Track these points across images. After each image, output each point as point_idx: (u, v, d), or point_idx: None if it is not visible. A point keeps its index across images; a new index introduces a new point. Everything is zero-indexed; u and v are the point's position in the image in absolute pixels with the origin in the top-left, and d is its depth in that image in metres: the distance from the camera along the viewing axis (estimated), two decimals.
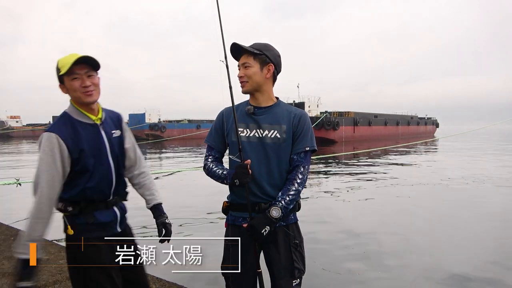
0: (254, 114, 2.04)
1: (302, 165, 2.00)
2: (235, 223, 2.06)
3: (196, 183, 11.16)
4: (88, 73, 1.88)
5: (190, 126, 53.27)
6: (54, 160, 1.81)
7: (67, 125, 1.89)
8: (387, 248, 5.52)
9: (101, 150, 1.95)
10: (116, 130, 2.04)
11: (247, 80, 2.02)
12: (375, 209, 8.14)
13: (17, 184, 7.01)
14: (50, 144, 1.81)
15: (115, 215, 2.02)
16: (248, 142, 2.02)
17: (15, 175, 8.38)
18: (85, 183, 1.90)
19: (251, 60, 2.01)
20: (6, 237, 4.70)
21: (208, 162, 2.12)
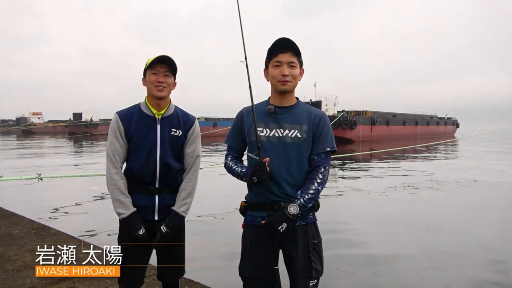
0: (275, 114, 2.04)
1: (322, 165, 2.00)
2: (253, 223, 2.05)
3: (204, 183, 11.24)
4: (166, 72, 2.18)
5: (206, 124, 53.59)
6: (116, 134, 2.16)
7: (130, 111, 2.22)
8: (401, 250, 5.46)
9: (150, 140, 2.17)
10: (177, 129, 2.25)
11: (291, 80, 2.01)
12: (390, 209, 8.05)
13: (39, 179, 7.19)
14: (113, 121, 2.18)
15: (152, 203, 2.18)
16: (268, 141, 2.02)
17: (37, 170, 8.60)
18: (131, 163, 2.17)
19: (296, 60, 2.01)
20: (29, 230, 4.83)
21: (228, 161, 2.17)
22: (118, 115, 2.19)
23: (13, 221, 5.30)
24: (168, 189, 2.22)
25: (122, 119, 2.16)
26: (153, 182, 2.18)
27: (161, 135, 2.19)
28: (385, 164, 16.70)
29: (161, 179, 2.20)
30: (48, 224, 5.21)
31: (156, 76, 2.16)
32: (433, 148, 27.43)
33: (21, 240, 4.39)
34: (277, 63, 2.01)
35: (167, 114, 2.24)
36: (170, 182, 2.23)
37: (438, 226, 6.76)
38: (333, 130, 2.13)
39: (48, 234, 4.67)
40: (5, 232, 4.75)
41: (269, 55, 2.04)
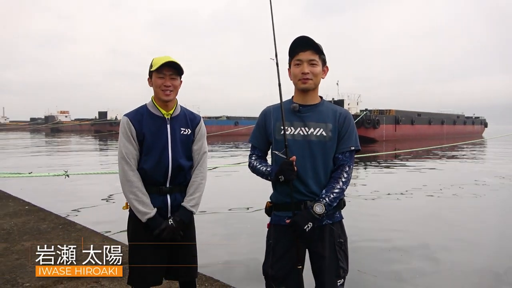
0: (299, 112, 2.03)
1: (347, 164, 2.01)
2: (279, 223, 2.03)
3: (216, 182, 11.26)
4: (172, 75, 2.20)
5: (228, 123, 53.90)
6: (128, 137, 2.15)
7: (139, 113, 2.22)
8: (426, 252, 5.32)
9: (161, 139, 2.19)
10: (186, 128, 2.27)
11: (311, 77, 2.00)
12: (414, 211, 7.87)
13: (66, 175, 7.40)
14: (123, 123, 2.19)
15: (165, 203, 2.19)
16: (293, 140, 2.01)
17: (64, 167, 8.85)
18: (143, 165, 2.15)
19: (317, 58, 2.00)
20: (55, 225, 4.98)
21: (252, 160, 2.16)
22: (127, 117, 2.19)
23: (40, 216, 5.46)
24: (178, 187, 2.24)
25: (132, 121, 2.17)
26: (164, 182, 2.20)
27: (171, 134, 2.21)
28: (410, 164, 16.35)
29: (172, 179, 2.21)
30: (74, 220, 5.36)
31: (163, 80, 2.17)
32: (460, 148, 26.67)
33: (48, 235, 4.53)
34: (298, 61, 2.01)
35: (175, 114, 2.27)
36: (180, 181, 2.25)
37: (472, 231, 6.56)
38: (356, 129, 2.11)
39: (73, 229, 4.79)
40: (33, 226, 4.91)
41: (291, 54, 2.04)
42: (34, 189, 9.42)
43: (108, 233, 5.52)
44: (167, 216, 2.18)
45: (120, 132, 2.17)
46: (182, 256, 2.22)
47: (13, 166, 13.77)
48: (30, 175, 7.83)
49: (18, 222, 5.10)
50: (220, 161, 16.92)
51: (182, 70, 2.22)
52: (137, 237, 2.17)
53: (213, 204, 7.70)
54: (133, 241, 2.18)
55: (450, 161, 18.31)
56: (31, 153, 22.03)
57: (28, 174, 7.87)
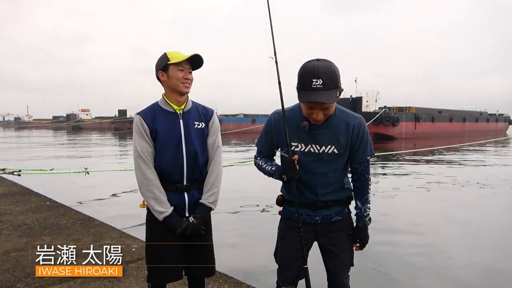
0: (310, 130, 1.94)
1: (367, 173, 2.07)
2: (291, 217, 2.10)
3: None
4: (190, 69, 2.19)
5: (245, 120, 54.03)
6: (142, 135, 2.15)
7: (151, 110, 2.20)
8: (442, 250, 5.21)
9: (175, 135, 2.17)
10: (200, 122, 2.25)
11: (325, 116, 1.89)
12: (432, 210, 7.71)
13: (86, 172, 7.56)
14: (136, 122, 2.18)
15: (182, 201, 2.18)
16: (303, 157, 1.97)
17: (85, 164, 9.03)
18: (159, 163, 2.15)
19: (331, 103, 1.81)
20: (75, 221, 5.08)
21: (257, 160, 2.19)
22: (140, 115, 2.18)
23: (61, 212, 5.59)
24: (195, 184, 2.22)
25: (145, 119, 2.15)
26: (181, 180, 2.18)
27: (185, 129, 2.18)
28: (430, 162, 16.03)
29: (189, 175, 2.19)
30: (92, 216, 5.46)
31: (183, 72, 2.15)
32: (483, 146, 25.98)
33: (67, 230, 4.63)
34: (310, 104, 1.83)
35: (187, 108, 2.24)
36: (197, 177, 2.22)
37: (492, 230, 6.39)
38: (373, 126, 2.11)
39: (92, 225, 4.88)
40: (54, 222, 5.02)
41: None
42: (55, 186, 9.65)
43: (126, 229, 5.61)
44: (185, 215, 2.17)
45: (134, 130, 2.17)
46: (200, 255, 2.21)
47: (35, 163, 14.13)
48: (52, 171, 8.03)
49: (39, 218, 5.24)
50: (236, 156, 16.97)
51: (199, 65, 2.20)
52: (155, 236, 2.16)
53: (226, 202, 7.73)
54: (151, 241, 2.19)
55: (472, 159, 17.85)
56: (53, 150, 22.57)
57: (50, 170, 8.08)
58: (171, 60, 2.13)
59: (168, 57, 2.15)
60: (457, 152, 21.22)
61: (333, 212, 2.07)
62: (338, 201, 2.07)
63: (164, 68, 2.16)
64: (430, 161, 16.83)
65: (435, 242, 5.62)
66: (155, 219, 2.13)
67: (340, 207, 2.09)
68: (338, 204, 2.07)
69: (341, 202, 2.08)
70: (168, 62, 2.14)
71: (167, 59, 2.14)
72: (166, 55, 2.16)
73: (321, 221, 2.06)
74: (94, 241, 4.15)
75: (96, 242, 4.09)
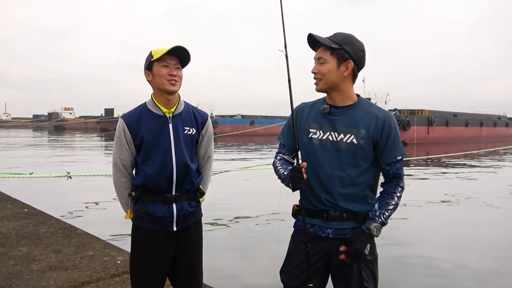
0: (329, 114, 1.96)
1: (399, 177, 1.94)
2: (302, 229, 2.00)
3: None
4: (177, 65, 2.12)
5: (243, 122, 54.03)
6: (123, 144, 2.14)
7: (137, 113, 2.17)
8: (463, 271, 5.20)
9: (163, 141, 2.13)
10: (191, 127, 2.21)
11: (320, 77, 1.93)
12: (447, 226, 7.71)
13: (68, 177, 7.54)
14: (119, 127, 2.16)
15: (170, 212, 2.15)
16: (320, 145, 1.95)
17: (67, 168, 9.01)
18: (145, 171, 2.13)
19: (328, 55, 1.91)
20: (55, 230, 5.05)
21: (276, 160, 2.13)
22: (123, 120, 2.15)
23: (40, 220, 5.56)
24: (186, 195, 2.20)
25: (129, 125, 2.13)
26: (169, 189, 2.15)
27: (174, 135, 2.14)
28: (445, 171, 16.04)
29: (178, 185, 2.16)
30: (75, 224, 5.43)
31: (168, 69, 2.09)
32: (502, 153, 26.04)
33: (47, 240, 4.60)
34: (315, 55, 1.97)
35: (178, 111, 2.19)
36: (187, 187, 2.20)
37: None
38: None
39: (74, 234, 4.86)
40: (32, 231, 5.00)
41: None
42: (34, 191, 9.62)
43: (111, 239, 5.59)
44: (172, 228, 2.15)
45: (115, 135, 2.16)
46: (186, 269, 2.21)
47: (13, 166, 14.11)
48: (31, 175, 8.02)
49: (16, 226, 5.21)
50: (228, 165, 16.95)
51: (188, 59, 2.15)
52: (140, 248, 2.17)
53: (223, 211, 7.72)
54: (135, 252, 2.19)
55: (489, 168, 17.87)
56: (32, 153, 22.53)
57: (29, 174, 8.06)
58: (154, 57, 2.08)
59: (152, 54, 2.11)
60: (474, 159, 21.25)
61: (348, 227, 1.94)
62: (356, 214, 1.94)
63: (149, 67, 2.13)
64: (444, 169, 16.83)
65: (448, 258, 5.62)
66: (141, 231, 2.16)
67: (356, 223, 1.94)
68: (355, 219, 1.94)
69: (359, 217, 1.94)
70: (151, 59, 2.10)
71: (151, 56, 2.11)
72: (150, 53, 2.13)
73: (333, 235, 1.95)
74: (76, 252, 4.13)
75: (78, 254, 4.08)
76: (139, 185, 2.17)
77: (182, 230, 2.19)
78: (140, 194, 2.16)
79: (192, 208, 2.23)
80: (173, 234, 2.17)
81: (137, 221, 2.20)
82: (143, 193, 2.16)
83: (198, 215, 2.32)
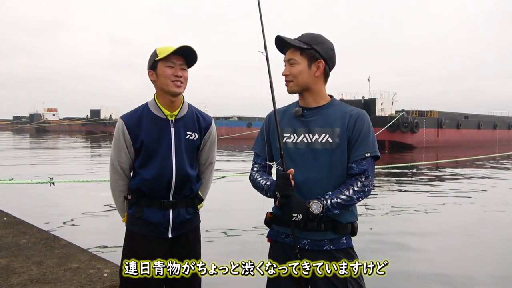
0: (302, 117, 2.01)
1: (363, 174, 1.90)
2: (277, 239, 2.05)
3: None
4: (182, 66, 2.15)
5: (240, 124, 54.08)
6: (121, 146, 2.17)
7: (138, 114, 2.19)
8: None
9: (164, 146, 2.16)
10: (193, 132, 2.23)
11: (292, 79, 1.99)
12: (457, 238, 7.73)
13: (51, 183, 7.52)
14: (118, 128, 2.17)
15: (166, 218, 2.17)
16: (295, 149, 1.99)
17: (50, 174, 8.99)
18: (142, 175, 2.16)
19: (298, 55, 1.97)
20: (37, 240, 5.04)
21: (253, 172, 2.14)
22: (123, 121, 2.18)
23: (21, 230, 5.54)
24: (183, 202, 2.22)
25: (128, 127, 2.16)
26: (166, 195, 2.18)
27: (175, 139, 2.17)
28: (456, 177, 16.08)
29: (176, 191, 2.19)
30: (58, 234, 5.42)
31: (173, 69, 2.11)
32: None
33: (28, 251, 4.58)
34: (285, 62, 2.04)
35: (181, 114, 2.22)
36: (186, 194, 2.22)
37: None
38: (389, 133, 2.05)
39: (57, 245, 4.84)
40: (12, 241, 4.98)
41: None
42: (14, 198, 9.58)
43: (97, 251, 5.58)
44: (167, 235, 2.17)
45: (114, 136, 2.19)
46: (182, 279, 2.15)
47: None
48: (10, 182, 7.99)
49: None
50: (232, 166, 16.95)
51: (194, 60, 2.18)
52: (132, 255, 2.14)
53: (216, 221, 7.70)
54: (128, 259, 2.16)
55: (503, 174, 17.92)
56: (12, 158, 22.46)
57: (8, 181, 8.03)
58: (159, 56, 2.11)
59: (157, 53, 2.13)
60: (487, 165, 21.31)
61: (326, 238, 1.93)
62: (335, 223, 1.93)
63: (153, 66, 2.15)
64: (455, 176, 16.88)
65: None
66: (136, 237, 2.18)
67: (336, 234, 1.94)
68: (334, 229, 1.93)
69: (339, 228, 1.93)
70: (156, 58, 2.12)
71: (156, 55, 2.13)
72: (155, 51, 2.15)
73: (309, 246, 1.94)
74: (59, 265, 4.11)
75: (61, 266, 4.06)
76: (135, 189, 2.20)
77: (178, 238, 2.21)
78: (136, 198, 2.19)
79: (189, 215, 2.25)
80: (167, 241, 2.18)
81: (130, 225, 2.23)
82: (139, 197, 2.19)
83: (196, 222, 2.33)
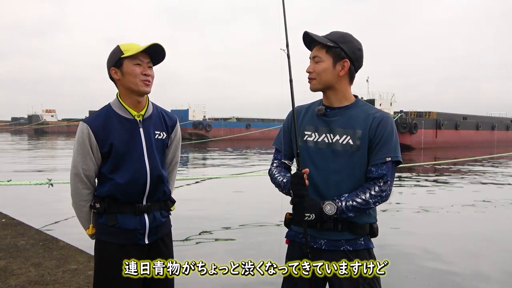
0: (325, 116, 2.00)
1: (382, 178, 1.88)
2: (295, 239, 2.04)
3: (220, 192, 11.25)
4: (149, 64, 2.09)
5: (238, 125, 54.04)
6: (87, 151, 2.04)
7: (102, 117, 2.09)
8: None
9: (136, 148, 2.09)
10: (161, 131, 2.18)
11: (315, 77, 1.99)
12: (456, 241, 7.74)
13: (49, 184, 7.51)
14: (82, 133, 2.04)
15: (142, 224, 2.10)
16: (316, 148, 1.98)
17: (48, 175, 8.98)
18: (114, 180, 2.06)
19: (323, 53, 1.96)
20: (35, 241, 5.05)
21: (272, 167, 2.15)
22: (87, 124, 2.05)
23: (19, 231, 5.55)
24: (157, 205, 2.17)
25: (94, 131, 2.04)
26: (140, 199, 2.11)
27: (146, 140, 2.11)
28: (455, 178, 16.11)
29: (150, 194, 2.13)
30: (56, 236, 5.43)
31: (141, 67, 2.05)
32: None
33: (26, 253, 4.59)
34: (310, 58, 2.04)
35: (148, 114, 2.16)
36: (159, 197, 2.17)
37: None
38: None
39: (56, 247, 4.86)
40: (10, 243, 4.98)
41: None
42: (13, 200, 9.57)
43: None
44: (144, 241, 2.10)
45: (77, 142, 2.05)
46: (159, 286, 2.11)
47: None
48: (9, 183, 7.98)
49: None
50: (218, 171, 16.94)
51: (162, 58, 2.12)
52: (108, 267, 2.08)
53: (218, 221, 7.71)
54: (100, 273, 2.12)
55: (502, 174, 17.95)
56: (11, 159, 22.43)
57: (7, 182, 8.02)
58: (126, 53, 2.03)
59: (122, 49, 2.05)
60: (485, 165, 21.34)
61: (342, 238, 1.92)
62: (352, 225, 1.92)
63: (117, 63, 2.06)
64: (454, 176, 16.90)
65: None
66: (106, 250, 2.09)
67: (354, 235, 1.93)
68: (351, 230, 1.92)
69: (356, 229, 1.93)
70: (121, 55, 2.04)
71: (121, 52, 2.04)
72: (119, 47, 2.07)
73: (326, 246, 1.94)
74: (57, 266, 4.12)
75: (60, 268, 4.07)
76: (105, 196, 2.09)
77: (154, 243, 2.16)
78: (108, 206, 2.08)
79: (164, 218, 2.21)
80: (145, 247, 2.12)
81: (102, 236, 2.12)
82: (110, 204, 2.08)
83: (169, 226, 2.29)
